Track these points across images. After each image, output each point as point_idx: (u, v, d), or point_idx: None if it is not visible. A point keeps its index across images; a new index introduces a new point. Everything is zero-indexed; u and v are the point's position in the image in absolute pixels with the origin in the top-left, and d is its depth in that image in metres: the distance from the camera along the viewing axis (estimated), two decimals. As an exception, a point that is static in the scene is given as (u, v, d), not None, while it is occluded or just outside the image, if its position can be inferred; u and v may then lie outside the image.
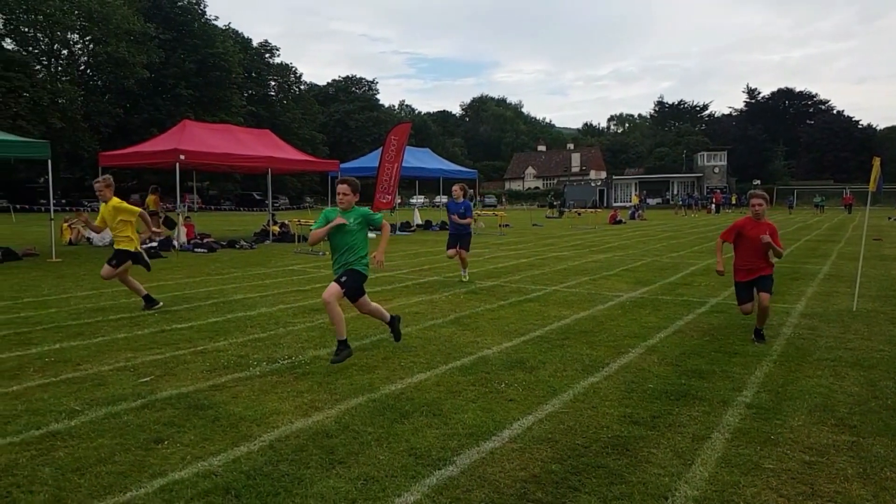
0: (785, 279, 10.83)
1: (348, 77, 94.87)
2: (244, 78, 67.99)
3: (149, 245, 15.57)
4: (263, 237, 19.91)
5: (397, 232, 24.16)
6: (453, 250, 10.65)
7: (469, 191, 11.22)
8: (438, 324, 7.21)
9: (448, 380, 5.04)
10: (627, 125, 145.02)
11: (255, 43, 74.69)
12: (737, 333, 6.66)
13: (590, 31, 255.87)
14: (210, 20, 63.27)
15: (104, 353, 5.82)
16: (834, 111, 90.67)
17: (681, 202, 60.17)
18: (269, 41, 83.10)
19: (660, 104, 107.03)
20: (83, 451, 3.63)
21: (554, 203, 52.45)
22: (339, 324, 5.37)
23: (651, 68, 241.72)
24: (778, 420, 4.21)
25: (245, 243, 17.70)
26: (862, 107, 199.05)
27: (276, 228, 20.52)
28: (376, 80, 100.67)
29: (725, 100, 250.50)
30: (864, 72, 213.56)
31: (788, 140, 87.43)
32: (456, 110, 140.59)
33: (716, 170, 75.28)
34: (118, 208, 8.13)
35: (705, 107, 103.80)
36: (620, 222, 33.14)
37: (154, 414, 4.26)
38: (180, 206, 18.16)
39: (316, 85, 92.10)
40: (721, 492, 3.22)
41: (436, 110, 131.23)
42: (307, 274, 11.70)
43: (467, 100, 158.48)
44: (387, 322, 6.07)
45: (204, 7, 62.90)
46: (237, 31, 71.03)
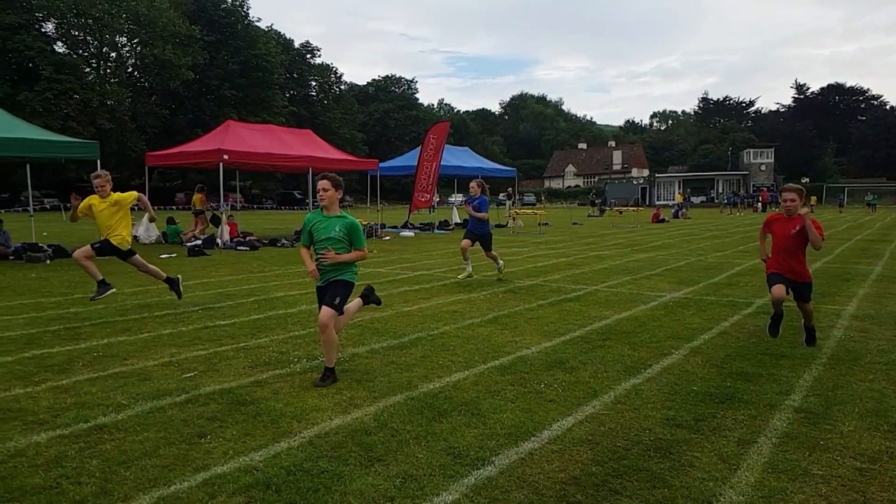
0: (835, 280, 10.49)
1: (388, 76, 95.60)
2: (286, 78, 69.01)
3: (193, 243, 15.92)
4: (304, 235, 20.11)
5: (435, 231, 24.20)
6: (468, 241, 10.59)
7: (486, 187, 11.08)
8: (476, 323, 7.19)
9: (486, 379, 5.02)
10: (671, 122, 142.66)
11: (297, 44, 75.82)
12: (784, 335, 6.47)
13: (632, 27, 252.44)
14: (253, 22, 64.45)
15: (150, 349, 5.95)
16: (888, 106, 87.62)
17: (726, 200, 58.83)
18: (311, 42, 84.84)
19: (704, 100, 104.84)
20: (129, 445, 3.71)
21: (595, 201, 51.85)
22: (333, 351, 4.96)
23: (695, 64, 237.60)
24: (828, 425, 4.08)
25: (286, 241, 17.94)
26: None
27: (317, 227, 20.71)
28: (415, 80, 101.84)
29: (773, 96, 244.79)
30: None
31: (839, 137, 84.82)
32: (495, 108, 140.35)
33: (762, 167, 73.45)
34: (119, 202, 7.86)
35: (752, 103, 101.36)
36: (663, 221, 32.59)
37: (197, 409, 4.33)
38: (224, 205, 18.51)
39: (356, 85, 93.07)
40: (768, 498, 3.12)
41: (475, 109, 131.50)
42: (347, 272, 11.78)
43: (507, 98, 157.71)
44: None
45: (247, 9, 64.13)
46: (279, 33, 72.15)
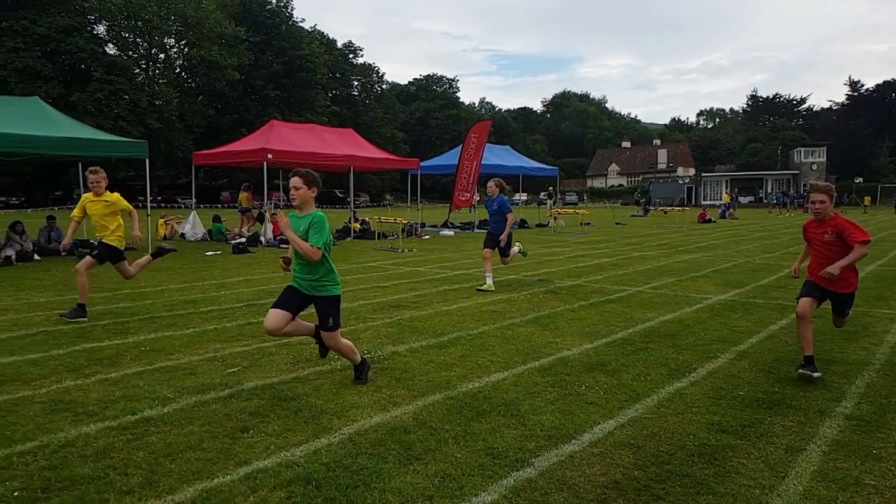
0: (890, 283, 10.13)
1: (429, 75, 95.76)
2: (329, 78, 69.74)
3: (238, 241, 16.21)
4: (345, 234, 20.34)
5: (475, 230, 24.16)
6: (489, 250, 9.68)
7: (507, 187, 10.15)
8: (516, 323, 7.14)
9: (526, 380, 4.98)
10: (718, 120, 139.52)
11: (340, 44, 76.50)
12: (835, 340, 6.26)
13: (679, 24, 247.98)
14: (297, 22, 65.34)
15: (195, 344, 6.08)
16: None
17: (775, 201, 57.26)
18: (353, 42, 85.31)
19: (753, 98, 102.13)
20: (174, 437, 3.79)
21: (640, 201, 51.03)
22: (351, 352, 4.84)
23: (744, 61, 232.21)
24: (881, 433, 3.93)
25: (328, 239, 18.10)
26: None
27: (357, 225, 20.92)
28: (457, 78, 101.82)
29: (825, 93, 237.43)
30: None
31: (894, 135, 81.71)
32: (537, 107, 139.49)
33: (814, 166, 71.26)
34: (114, 204, 7.41)
35: (803, 100, 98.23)
36: (710, 221, 31.92)
37: (240, 403, 4.40)
38: (268, 204, 18.81)
39: (397, 84, 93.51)
40: (818, 509, 3.02)
41: (516, 107, 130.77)
42: (386, 270, 11.86)
43: (549, 96, 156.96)
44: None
45: (291, 10, 65.04)
46: (323, 33, 72.96)
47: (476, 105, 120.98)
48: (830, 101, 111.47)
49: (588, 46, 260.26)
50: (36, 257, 13.36)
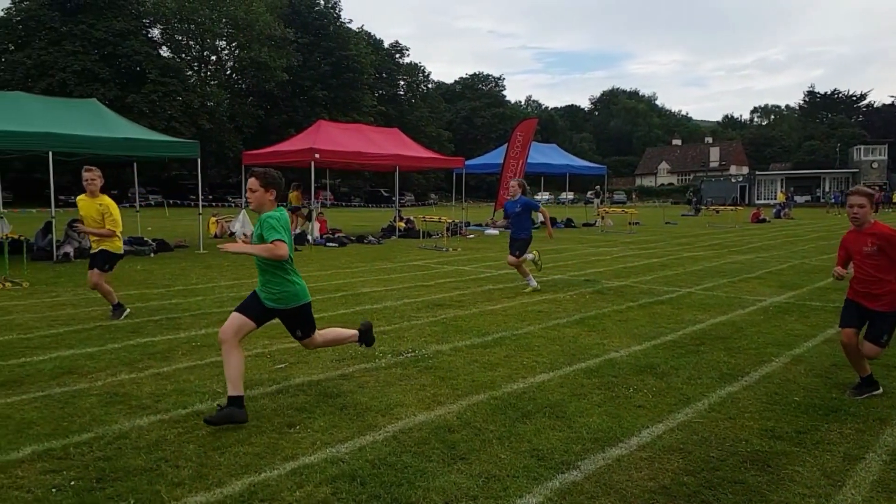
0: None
1: (475, 74, 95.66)
2: (375, 78, 70.35)
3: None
4: (390, 233, 20.47)
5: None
6: (513, 258, 9.19)
7: (527, 186, 9.62)
8: (562, 323, 7.06)
9: (572, 381, 4.91)
10: (773, 117, 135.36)
11: (387, 44, 77.14)
12: (894, 344, 5.99)
13: (732, 19, 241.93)
14: (345, 23, 66.10)
15: (244, 340, 6.16)
16: None
17: (833, 200, 55.33)
18: (400, 41, 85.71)
19: (810, 94, 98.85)
20: (223, 431, 3.86)
21: (691, 199, 49.91)
22: (340, 337, 4.68)
23: (800, 56, 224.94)
24: (950, 445, 3.74)
25: (373, 238, 18.28)
26: None
27: (402, 224, 21.04)
28: (503, 77, 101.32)
29: (886, 88, 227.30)
30: None
31: (962, 131, 78.08)
32: (585, 104, 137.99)
33: (874, 165, 68.56)
34: (106, 209, 7.09)
35: (863, 96, 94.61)
36: (764, 221, 31.04)
37: (287, 399, 4.46)
38: (314, 203, 19.07)
39: (443, 83, 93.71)
40: (880, 521, 2.89)
41: (563, 105, 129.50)
42: (431, 269, 11.88)
43: (597, 93, 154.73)
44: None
45: (339, 11, 65.83)
46: (369, 33, 73.66)
47: (522, 103, 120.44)
48: (892, 97, 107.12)
49: (637, 43, 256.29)
50: (94, 254, 13.83)
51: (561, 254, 14.85)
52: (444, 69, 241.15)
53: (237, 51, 57.30)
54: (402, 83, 79.35)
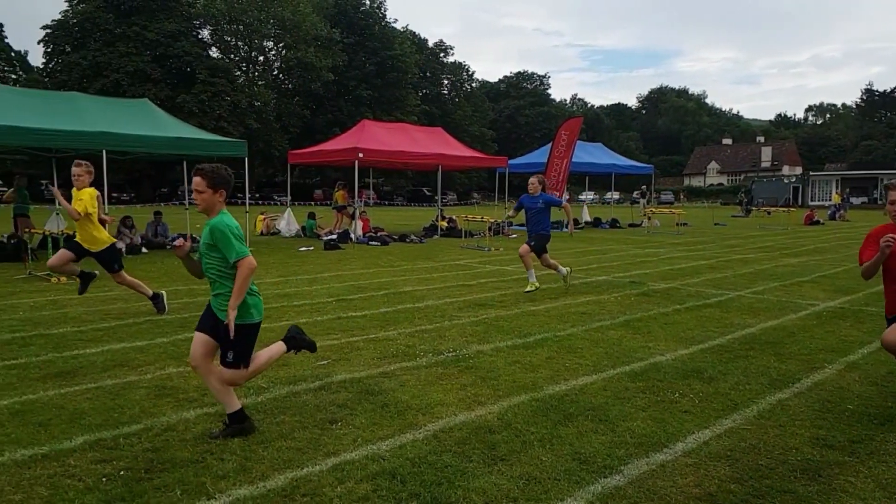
0: None
1: (519, 73, 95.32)
2: (419, 78, 70.67)
3: (329, 237, 16.67)
4: (432, 232, 20.52)
5: (563, 229, 23.79)
6: (526, 247, 8.90)
7: (545, 182, 9.29)
8: (606, 325, 6.95)
9: (615, 385, 4.83)
10: (829, 116, 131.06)
11: (431, 43, 77.41)
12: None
13: (786, 14, 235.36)
14: (390, 23, 66.58)
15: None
16: None
17: (890, 202, 53.24)
18: (444, 41, 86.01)
19: (868, 92, 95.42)
20: (267, 426, 3.92)
21: (742, 200, 48.67)
22: (229, 397, 3.82)
23: (858, 52, 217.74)
24: None
25: (415, 237, 18.35)
26: None
27: (444, 223, 21.06)
28: (548, 75, 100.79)
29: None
30: None
31: None
32: (632, 103, 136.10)
33: (935, 165, 65.85)
34: (86, 192, 6.98)
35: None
36: (818, 223, 30.08)
37: (330, 395, 4.50)
38: (358, 202, 19.24)
39: (487, 82, 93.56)
40: (942, 538, 2.76)
41: (610, 103, 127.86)
42: (472, 269, 11.86)
43: (644, 91, 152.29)
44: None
45: (384, 11, 66.33)
46: (414, 33, 74.05)
47: (567, 102, 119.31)
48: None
49: (686, 40, 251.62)
50: (143, 250, 14.27)
51: (605, 255, 14.65)
52: (489, 68, 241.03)
53: (284, 51, 58.27)
54: (446, 82, 79.51)
